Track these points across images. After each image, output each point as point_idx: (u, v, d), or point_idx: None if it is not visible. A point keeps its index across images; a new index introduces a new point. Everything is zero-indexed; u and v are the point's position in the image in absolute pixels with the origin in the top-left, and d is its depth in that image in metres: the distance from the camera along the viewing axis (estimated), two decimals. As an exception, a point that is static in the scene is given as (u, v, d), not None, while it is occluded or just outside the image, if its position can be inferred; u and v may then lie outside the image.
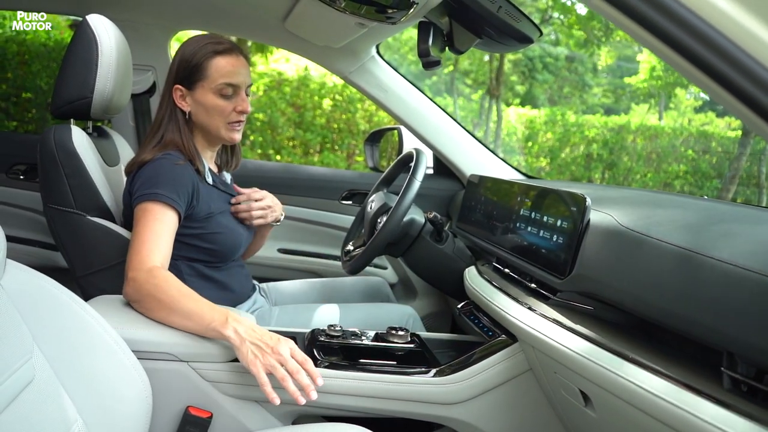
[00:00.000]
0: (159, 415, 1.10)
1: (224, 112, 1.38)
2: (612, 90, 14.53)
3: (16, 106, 5.40)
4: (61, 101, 1.37)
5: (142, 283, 1.15)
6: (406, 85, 2.00)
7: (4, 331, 0.81)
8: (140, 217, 1.24)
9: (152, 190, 1.26)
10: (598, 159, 8.89)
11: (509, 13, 1.18)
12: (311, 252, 2.22)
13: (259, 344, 1.07)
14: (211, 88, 1.36)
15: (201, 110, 1.38)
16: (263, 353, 1.06)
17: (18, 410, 0.79)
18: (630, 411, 0.87)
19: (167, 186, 1.27)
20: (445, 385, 1.20)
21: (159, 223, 1.23)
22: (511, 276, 1.35)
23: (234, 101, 1.38)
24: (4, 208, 2.04)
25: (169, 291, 1.13)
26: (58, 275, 1.02)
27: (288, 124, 7.36)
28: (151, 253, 1.19)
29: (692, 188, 9.02)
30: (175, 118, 1.39)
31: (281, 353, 1.06)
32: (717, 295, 0.75)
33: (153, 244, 1.21)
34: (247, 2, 1.72)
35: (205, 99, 1.36)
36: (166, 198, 1.25)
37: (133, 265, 1.17)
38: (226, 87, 1.36)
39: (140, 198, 1.26)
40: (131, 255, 1.19)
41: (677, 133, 9.40)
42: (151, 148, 1.36)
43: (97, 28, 1.36)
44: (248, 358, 1.06)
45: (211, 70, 1.35)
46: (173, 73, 1.38)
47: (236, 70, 1.36)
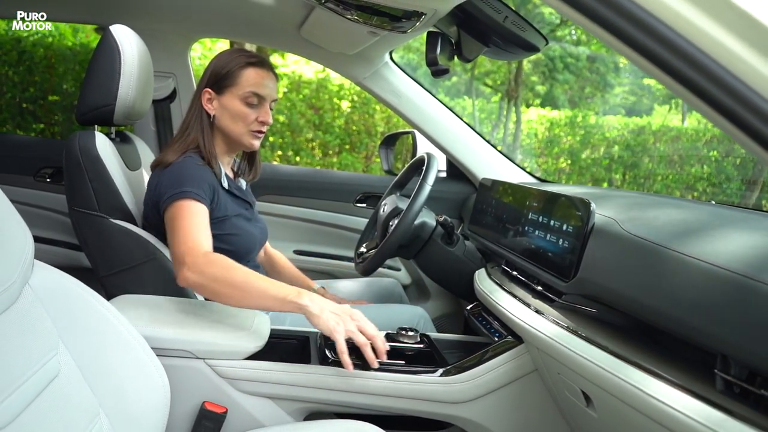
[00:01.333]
0: (176, 410, 1.14)
1: (247, 119, 1.43)
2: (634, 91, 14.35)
3: (42, 109, 5.52)
4: (86, 108, 1.43)
5: (204, 266, 1.17)
6: (419, 90, 2.03)
7: (32, 328, 0.86)
8: (176, 214, 1.28)
9: (181, 189, 1.30)
10: (618, 161, 8.80)
11: (515, 23, 1.20)
12: (326, 253, 2.26)
13: (338, 312, 1.13)
14: (238, 95, 1.42)
15: (226, 115, 1.44)
16: (343, 320, 1.12)
17: (45, 402, 0.83)
18: (628, 411, 0.89)
19: (193, 183, 1.32)
20: (452, 384, 1.23)
21: (197, 216, 1.28)
22: (519, 278, 1.37)
23: (258, 111, 1.44)
24: (31, 210, 2.10)
25: (235, 273, 1.16)
26: (82, 275, 1.06)
27: (307, 126, 7.41)
28: (200, 240, 1.23)
29: (715, 190, 8.88)
30: (200, 119, 1.44)
31: (359, 319, 1.13)
32: (710, 299, 0.77)
33: (199, 233, 1.25)
34: (264, 11, 1.77)
35: (231, 104, 1.42)
36: (195, 195, 1.30)
37: (188, 252, 1.20)
38: (253, 96, 1.42)
39: (171, 198, 1.30)
40: (180, 244, 1.22)
41: (700, 134, 9.26)
42: (176, 147, 1.42)
43: (120, 38, 1.42)
44: (330, 325, 1.10)
45: (241, 78, 1.41)
46: (205, 79, 1.45)
47: (264, 82, 1.43)
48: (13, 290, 0.84)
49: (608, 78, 14.03)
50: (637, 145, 8.79)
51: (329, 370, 1.20)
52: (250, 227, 1.51)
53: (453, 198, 2.15)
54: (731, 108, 0.56)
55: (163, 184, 1.34)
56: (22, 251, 0.88)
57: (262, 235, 1.58)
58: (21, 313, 0.85)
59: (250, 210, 1.57)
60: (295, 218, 2.24)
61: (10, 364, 0.79)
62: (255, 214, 1.61)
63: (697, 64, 0.57)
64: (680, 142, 9.02)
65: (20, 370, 0.80)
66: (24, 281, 0.88)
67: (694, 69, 0.57)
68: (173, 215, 1.29)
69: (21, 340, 0.83)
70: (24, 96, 5.40)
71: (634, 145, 8.78)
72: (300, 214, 2.23)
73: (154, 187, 1.38)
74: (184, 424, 1.17)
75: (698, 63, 0.57)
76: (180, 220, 1.27)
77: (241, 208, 1.51)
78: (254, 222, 1.56)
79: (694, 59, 0.57)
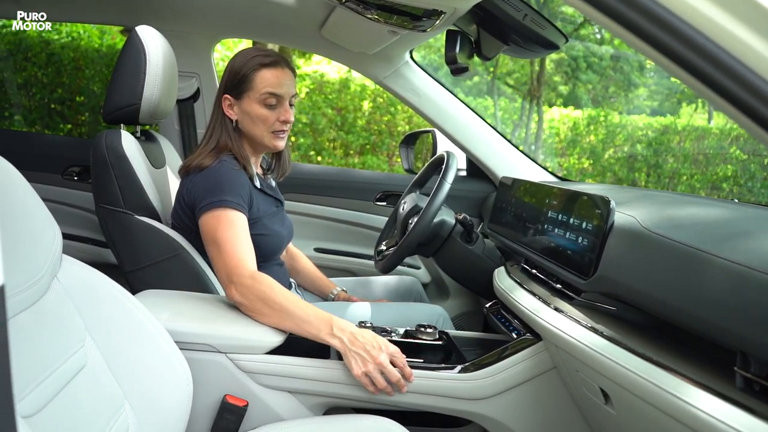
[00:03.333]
0: (199, 402, 1.16)
1: (268, 121, 1.43)
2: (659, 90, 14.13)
3: (70, 110, 5.64)
4: (112, 107, 1.46)
5: (250, 288, 1.21)
6: (440, 89, 2.03)
7: (60, 321, 0.88)
8: (217, 225, 1.30)
9: (220, 197, 1.32)
10: (642, 161, 8.68)
11: (535, 20, 1.20)
12: (346, 251, 2.27)
13: (362, 354, 1.15)
14: (256, 98, 1.42)
15: (247, 119, 1.44)
16: (365, 362, 1.15)
17: (72, 392, 0.85)
18: (646, 409, 0.89)
19: (232, 192, 1.33)
20: (470, 381, 1.23)
21: (239, 229, 1.30)
22: (538, 276, 1.37)
23: (278, 111, 1.44)
24: (59, 207, 2.14)
25: (277, 297, 1.20)
26: (108, 271, 1.08)
27: (330, 126, 7.45)
28: (246, 257, 1.26)
29: (742, 190, 8.71)
30: (224, 125, 1.45)
31: (383, 363, 1.15)
32: (730, 296, 0.77)
33: (243, 248, 1.28)
34: (286, 11, 1.78)
35: (250, 108, 1.43)
36: (234, 204, 1.32)
37: (235, 271, 1.24)
38: (270, 97, 1.42)
39: (210, 206, 1.31)
40: (227, 261, 1.25)
41: (725, 133, 9.09)
42: (208, 152, 1.42)
43: (145, 39, 1.45)
44: (352, 365, 1.15)
45: (257, 81, 1.41)
46: (223, 84, 1.45)
47: (280, 82, 1.42)
48: (42, 284, 0.86)
49: (632, 77, 13.84)
50: (661, 145, 8.67)
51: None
52: (279, 227, 1.53)
53: (473, 197, 2.15)
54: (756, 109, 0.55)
55: (201, 188, 1.35)
56: (50, 246, 0.90)
57: (289, 235, 1.59)
58: (50, 305, 0.87)
59: (280, 208, 1.59)
60: (316, 216, 2.26)
61: (38, 355, 0.81)
62: (283, 212, 1.62)
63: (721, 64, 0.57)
64: (705, 142, 8.87)
65: (48, 361, 0.82)
66: (52, 275, 0.90)
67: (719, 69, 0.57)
68: (214, 226, 1.30)
69: (49, 332, 0.85)
70: (53, 97, 5.52)
71: (658, 145, 8.66)
72: (321, 212, 2.25)
73: (189, 189, 1.38)
74: (206, 416, 1.19)
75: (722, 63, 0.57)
76: (222, 232, 1.28)
77: (272, 207, 1.53)
78: (283, 220, 1.58)
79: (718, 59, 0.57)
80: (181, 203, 1.42)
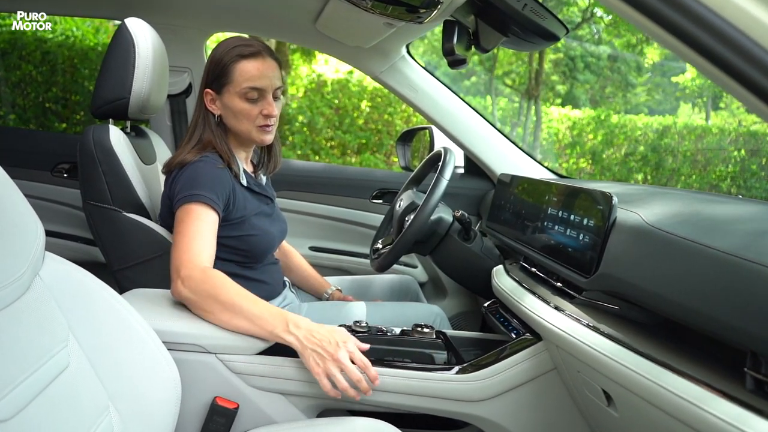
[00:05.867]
0: (187, 404, 1.13)
1: (250, 115, 1.37)
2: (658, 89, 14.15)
3: (65, 109, 5.62)
4: (100, 102, 1.43)
5: (199, 282, 1.15)
6: (437, 84, 2.01)
7: (42, 320, 0.86)
8: (183, 218, 1.26)
9: (193, 192, 1.27)
10: (641, 160, 8.68)
11: (535, 10, 1.17)
12: (342, 250, 2.24)
13: (320, 351, 1.09)
14: (236, 92, 1.35)
15: (230, 114, 1.39)
16: (324, 360, 1.09)
17: (53, 394, 0.82)
18: (652, 411, 0.86)
19: (207, 187, 1.29)
20: (468, 382, 1.20)
21: (203, 223, 1.25)
22: (538, 275, 1.34)
23: (260, 105, 1.37)
24: (47, 205, 2.12)
25: (228, 293, 1.14)
26: (97, 269, 1.06)
27: (328, 126, 7.44)
28: (201, 252, 1.21)
29: (741, 191, 8.72)
30: (207, 121, 1.40)
31: (341, 360, 1.09)
32: (741, 294, 0.74)
33: (200, 243, 1.22)
34: (279, 4, 1.76)
35: (232, 103, 1.37)
36: (206, 199, 1.27)
37: (185, 264, 1.18)
38: (251, 91, 1.35)
39: (182, 200, 1.28)
40: (179, 254, 1.20)
41: (725, 133, 9.10)
42: (191, 149, 1.37)
43: (134, 31, 1.41)
44: (311, 364, 1.10)
45: (237, 74, 1.35)
46: (204, 77, 1.40)
47: (261, 74, 1.35)
48: (23, 281, 0.83)
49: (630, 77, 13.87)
50: (661, 145, 8.68)
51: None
52: (269, 225, 1.48)
53: (471, 194, 2.12)
54: None
55: (179, 183, 1.31)
56: (32, 242, 0.88)
57: (281, 233, 1.55)
58: (31, 304, 0.85)
59: (271, 205, 1.54)
60: (311, 214, 2.23)
61: (18, 355, 0.79)
62: (275, 209, 1.57)
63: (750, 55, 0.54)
64: (704, 141, 8.88)
65: (28, 361, 0.80)
66: (34, 272, 0.88)
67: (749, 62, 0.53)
68: (181, 218, 1.26)
69: (30, 331, 0.83)
70: (47, 96, 5.50)
71: (658, 144, 8.67)
72: (315, 210, 2.22)
73: (171, 187, 1.35)
74: (195, 419, 1.16)
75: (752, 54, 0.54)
76: (185, 225, 1.24)
77: (261, 205, 1.48)
78: (274, 218, 1.53)
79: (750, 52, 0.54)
80: (165, 202, 1.39)
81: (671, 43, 0.57)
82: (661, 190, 1.39)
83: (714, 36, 0.55)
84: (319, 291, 1.75)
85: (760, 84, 0.55)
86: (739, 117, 13.12)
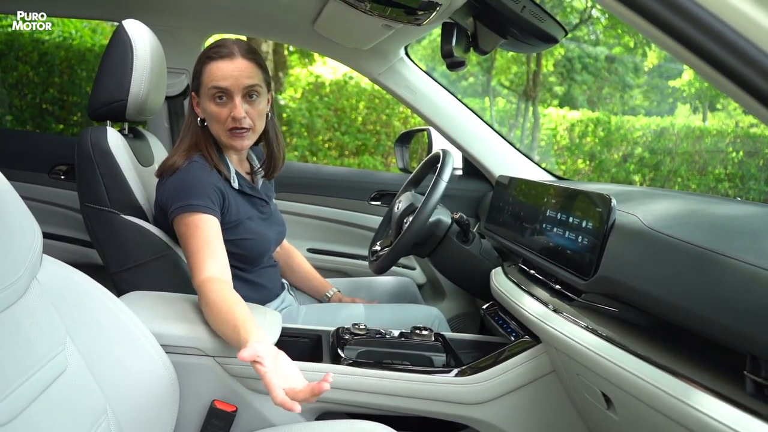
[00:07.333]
0: (186, 408, 1.13)
1: (219, 118, 1.34)
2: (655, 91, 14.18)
3: (62, 110, 5.60)
4: (98, 103, 1.42)
5: (199, 294, 1.19)
6: (435, 86, 2.00)
7: (39, 323, 0.85)
8: (184, 231, 1.27)
9: (187, 202, 1.27)
10: (639, 162, 8.69)
11: (533, 13, 1.17)
12: (340, 252, 2.24)
13: None
14: (206, 94, 1.34)
15: (207, 117, 1.38)
16: None
17: (51, 397, 0.82)
18: (651, 414, 0.86)
19: (199, 195, 1.29)
20: (466, 385, 1.20)
21: (204, 232, 1.25)
22: (537, 277, 1.34)
23: (228, 107, 1.34)
24: (45, 207, 2.11)
25: (214, 306, 1.12)
26: (95, 272, 1.05)
27: (326, 127, 7.44)
28: (204, 263, 1.21)
29: (739, 192, 8.74)
30: (195, 124, 1.40)
31: None
32: (740, 297, 0.74)
33: (204, 254, 1.23)
34: (277, 5, 1.75)
35: (205, 105, 1.36)
36: (202, 207, 1.27)
37: (193, 277, 1.22)
38: (217, 91, 1.32)
39: (177, 210, 1.28)
40: (189, 268, 1.24)
41: (723, 135, 9.11)
42: (181, 152, 1.37)
43: (132, 33, 1.41)
44: None
45: (204, 76, 1.34)
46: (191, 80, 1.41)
47: (225, 74, 1.31)
48: (21, 284, 0.83)
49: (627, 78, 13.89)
50: (659, 146, 8.69)
51: (341, 369, 1.18)
52: (265, 228, 1.47)
53: (469, 196, 2.12)
54: None
55: (170, 191, 1.31)
56: (30, 246, 0.87)
57: (278, 236, 1.54)
58: (28, 307, 0.85)
59: (267, 207, 1.52)
60: (309, 216, 2.22)
61: (16, 358, 0.78)
62: (272, 212, 1.56)
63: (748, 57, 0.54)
64: (702, 143, 8.89)
65: (26, 364, 0.79)
66: (32, 276, 0.88)
67: None
68: (183, 232, 1.27)
69: (28, 334, 0.82)
70: (44, 97, 5.48)
71: (656, 146, 8.68)
72: (314, 212, 2.22)
73: (162, 192, 1.34)
74: (193, 422, 1.15)
75: None
76: (188, 237, 1.26)
77: (253, 209, 1.46)
78: (270, 221, 1.52)
79: None
80: (158, 205, 1.38)
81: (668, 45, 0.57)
82: (660, 192, 1.39)
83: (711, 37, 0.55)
84: (321, 292, 1.74)
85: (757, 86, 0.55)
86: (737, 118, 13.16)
